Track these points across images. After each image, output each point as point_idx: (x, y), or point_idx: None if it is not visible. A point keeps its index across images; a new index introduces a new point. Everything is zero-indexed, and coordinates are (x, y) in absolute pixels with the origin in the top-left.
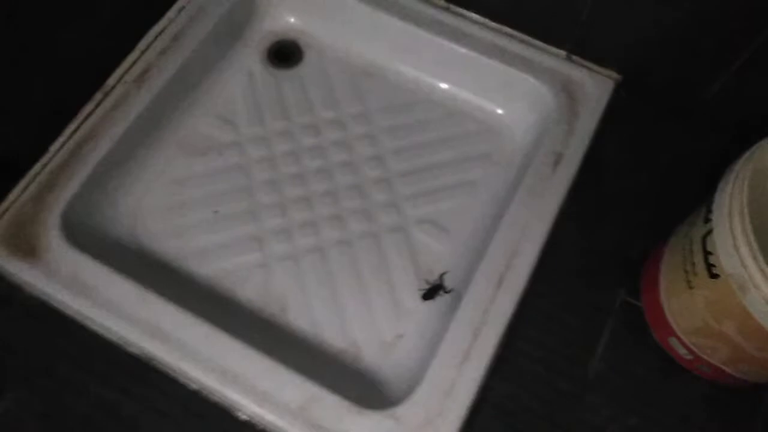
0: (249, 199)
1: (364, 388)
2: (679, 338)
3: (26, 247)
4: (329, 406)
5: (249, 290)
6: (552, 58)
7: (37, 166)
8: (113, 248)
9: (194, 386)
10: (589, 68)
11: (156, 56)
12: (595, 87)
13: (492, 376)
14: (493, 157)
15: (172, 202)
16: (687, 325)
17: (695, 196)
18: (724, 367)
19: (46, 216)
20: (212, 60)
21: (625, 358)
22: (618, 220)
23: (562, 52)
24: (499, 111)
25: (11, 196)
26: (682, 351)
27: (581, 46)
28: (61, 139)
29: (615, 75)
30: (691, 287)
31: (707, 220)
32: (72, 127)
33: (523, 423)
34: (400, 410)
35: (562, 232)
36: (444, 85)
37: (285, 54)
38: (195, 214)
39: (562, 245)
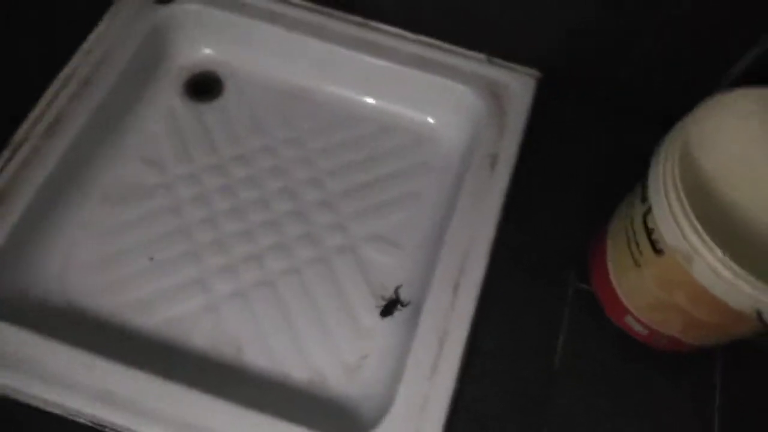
0: (186, 241)
1: (337, 417)
2: (633, 316)
3: None
4: None
5: (199, 336)
6: (473, 63)
7: None
8: (46, 314)
9: None
10: (510, 69)
11: (66, 103)
12: (519, 86)
13: (461, 379)
14: (431, 165)
15: (103, 255)
16: (639, 302)
17: (627, 180)
18: (679, 337)
19: None
20: (128, 101)
21: (586, 343)
22: (559, 211)
23: (482, 56)
24: (431, 120)
25: None
26: (638, 327)
27: (499, 48)
28: None
29: (536, 73)
30: (638, 265)
31: (644, 200)
32: None
33: (496, 421)
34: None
35: (508, 231)
36: (372, 101)
37: (204, 86)
38: (129, 265)
39: (510, 243)
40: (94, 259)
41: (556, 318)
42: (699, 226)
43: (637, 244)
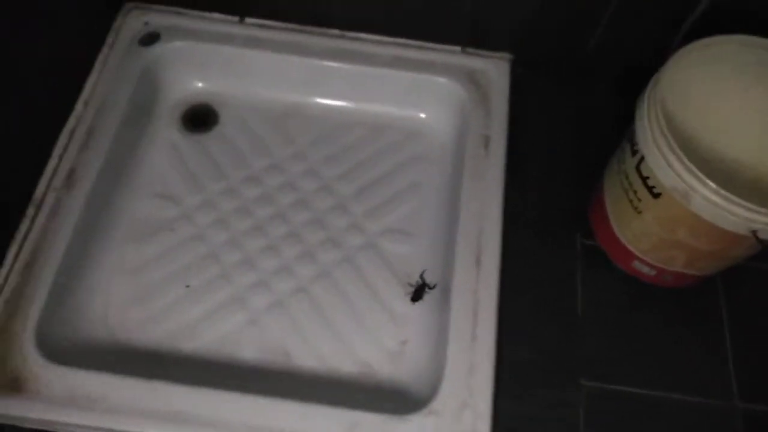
0: (215, 264)
1: (394, 399)
2: (640, 260)
3: (8, 383)
4: (371, 424)
5: (248, 350)
6: (450, 56)
7: None
8: (97, 354)
9: None
10: (484, 56)
11: (77, 155)
12: (495, 71)
13: (499, 342)
14: (428, 156)
15: (139, 290)
16: (644, 246)
17: (610, 139)
18: (683, 271)
19: (18, 347)
20: (132, 143)
21: (601, 292)
22: (554, 178)
23: (457, 48)
24: (420, 115)
25: None
26: (645, 270)
27: (471, 38)
28: (5, 267)
29: (508, 56)
30: (639, 212)
31: (635, 152)
32: (13, 251)
33: (535, 372)
34: (436, 404)
35: (512, 203)
36: (361, 105)
37: (201, 118)
38: (166, 295)
39: (517, 213)
40: (132, 295)
41: (571, 274)
42: (692, 166)
43: (635, 193)
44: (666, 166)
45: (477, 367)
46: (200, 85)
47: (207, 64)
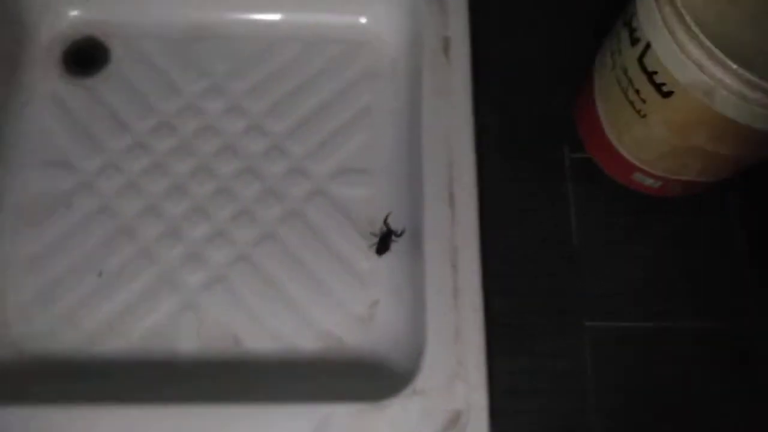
0: (131, 241)
1: (369, 376)
2: (644, 171)
3: None
4: (345, 417)
5: (187, 341)
6: None
7: None
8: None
9: None
10: None
11: None
12: None
13: (485, 289)
14: (376, 72)
15: (42, 288)
16: (649, 155)
17: (600, 23)
18: (695, 179)
19: None
20: (3, 103)
21: (597, 212)
22: (530, 86)
23: None
24: (361, 20)
25: None
26: (649, 182)
27: None
28: None
29: None
30: (643, 116)
31: (635, 40)
32: None
33: (533, 318)
34: (420, 382)
35: (486, 119)
36: (289, 17)
37: (86, 57)
38: (76, 288)
39: (491, 132)
40: (33, 294)
41: (561, 195)
42: (721, 54)
43: (637, 93)
44: (681, 55)
45: (463, 327)
46: (76, 13)
47: None
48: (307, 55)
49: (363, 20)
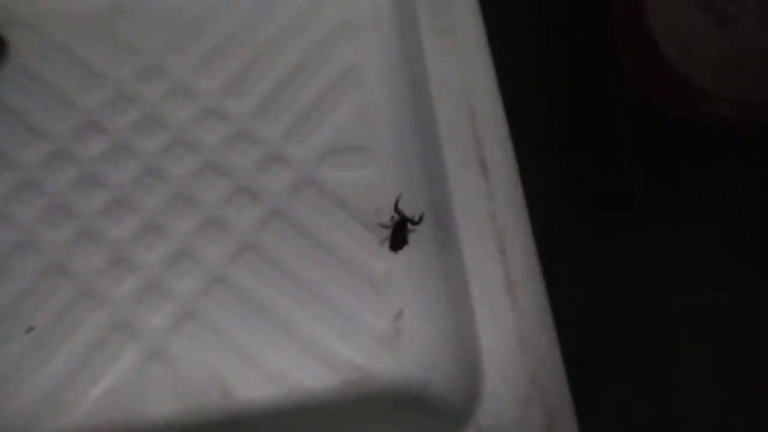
0: (65, 280)
1: (407, 415)
2: (719, 98)
3: None
4: None
5: (159, 401)
6: None
7: None
8: None
9: None
10: None
11: None
12: None
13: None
14: (354, 22)
15: None
16: (730, 74)
17: None
18: None
19: None
20: None
21: (662, 164)
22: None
23: None
24: None
25: None
26: (725, 109)
27: None
28: None
29: None
30: (724, 21)
31: None
32: None
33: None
34: (483, 416)
35: (502, 60)
36: None
37: None
38: (4, 352)
39: (518, 74)
40: None
41: (614, 145)
42: None
43: None
44: None
45: (530, 332)
46: None
47: None
48: (263, 11)
49: None
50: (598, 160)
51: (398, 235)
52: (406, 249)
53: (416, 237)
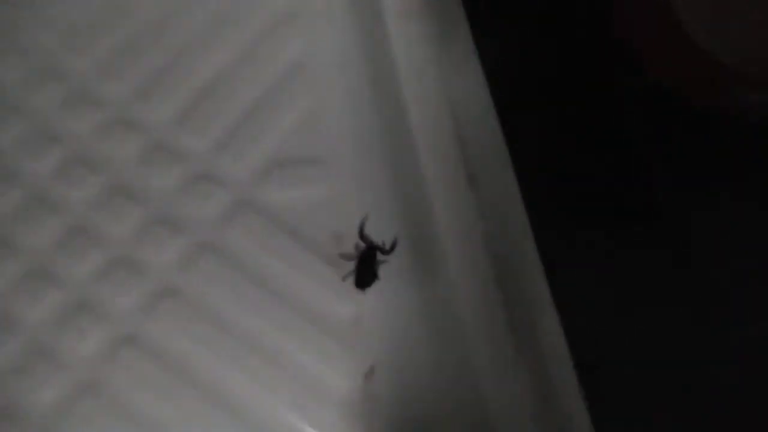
0: None
1: None
2: (752, 82)
3: None
4: None
5: None
6: None
7: None
8: None
9: None
10: None
11: None
12: None
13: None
14: (302, 8)
15: None
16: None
17: None
18: None
19: None
20: None
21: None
22: None
23: None
24: None
25: None
26: (754, 97)
27: None
28: None
29: None
30: None
31: None
32: None
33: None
34: None
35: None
36: None
37: None
38: None
39: (508, 68)
40: None
41: (626, 141)
42: None
43: None
44: None
45: (548, 390)
46: None
47: None
48: (184, 1)
49: None
50: (610, 164)
51: (366, 267)
52: (375, 285)
53: (388, 269)
